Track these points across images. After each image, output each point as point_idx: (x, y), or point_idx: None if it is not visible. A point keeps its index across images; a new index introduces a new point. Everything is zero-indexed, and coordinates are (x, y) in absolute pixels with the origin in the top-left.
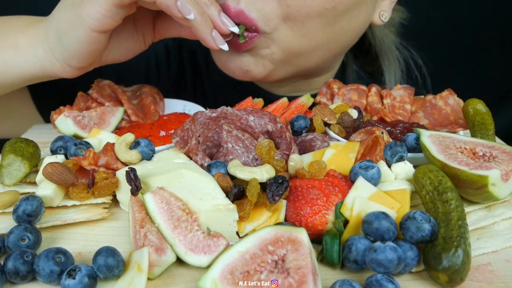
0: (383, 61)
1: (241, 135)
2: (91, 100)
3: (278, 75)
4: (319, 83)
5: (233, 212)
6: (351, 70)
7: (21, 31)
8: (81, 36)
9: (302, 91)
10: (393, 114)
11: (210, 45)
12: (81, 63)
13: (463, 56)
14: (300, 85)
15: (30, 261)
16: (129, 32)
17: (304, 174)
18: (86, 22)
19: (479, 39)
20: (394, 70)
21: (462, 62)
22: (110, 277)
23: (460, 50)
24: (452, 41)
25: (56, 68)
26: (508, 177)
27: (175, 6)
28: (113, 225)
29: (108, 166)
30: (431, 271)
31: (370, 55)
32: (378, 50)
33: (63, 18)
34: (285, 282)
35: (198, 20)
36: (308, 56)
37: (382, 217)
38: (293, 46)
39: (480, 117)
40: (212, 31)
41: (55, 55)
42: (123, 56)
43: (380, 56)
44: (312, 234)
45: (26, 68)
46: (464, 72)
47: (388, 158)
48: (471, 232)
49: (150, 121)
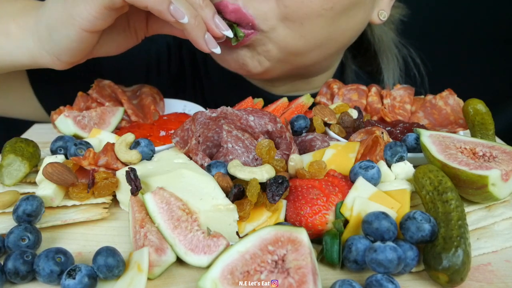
0: (381, 59)
1: (241, 135)
2: (91, 100)
3: (275, 73)
4: (318, 83)
5: (233, 212)
6: (350, 70)
7: (13, 18)
8: (72, 35)
9: (301, 90)
10: (393, 114)
11: (203, 48)
12: (72, 58)
13: (463, 56)
14: (299, 84)
15: (30, 261)
16: (122, 27)
17: (304, 174)
18: (77, 22)
19: (479, 39)
20: (392, 69)
21: (462, 62)
22: (110, 277)
23: (460, 50)
24: (452, 41)
25: (46, 60)
26: (508, 177)
27: (168, 11)
28: (113, 225)
29: (108, 166)
30: (431, 271)
31: (369, 53)
32: (377, 48)
33: (54, 14)
34: (285, 282)
35: (191, 23)
36: (305, 56)
37: (382, 217)
38: (291, 45)
39: (480, 117)
40: (205, 34)
41: (45, 49)
42: (115, 50)
43: (379, 55)
44: (312, 234)
45: (16, 57)
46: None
47: (388, 158)
48: (471, 232)
49: (150, 121)
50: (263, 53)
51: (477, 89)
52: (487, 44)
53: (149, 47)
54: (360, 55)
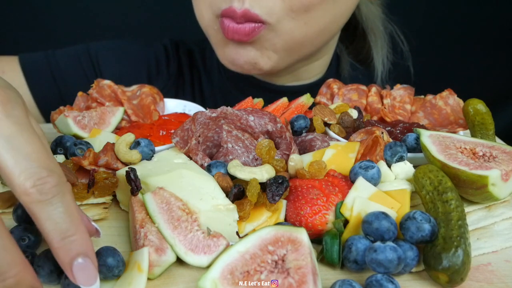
0: (370, 37)
1: (241, 135)
2: (91, 100)
3: (283, 65)
4: (318, 70)
5: (233, 212)
6: (345, 62)
7: None
8: None
9: (302, 80)
10: (393, 114)
11: None
12: None
13: (463, 56)
14: (300, 73)
15: (30, 261)
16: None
17: (304, 174)
18: None
19: (479, 39)
20: (380, 45)
21: (462, 62)
22: (110, 277)
23: (460, 50)
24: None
25: None
26: (508, 177)
27: None
28: (113, 225)
29: (108, 166)
30: (431, 271)
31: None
32: (365, 26)
33: None
34: (285, 282)
35: None
36: (310, 43)
37: (382, 217)
38: (297, 35)
39: (480, 117)
40: None
41: None
42: None
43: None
44: (312, 234)
45: None
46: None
47: (388, 158)
48: (471, 232)
49: (150, 121)
50: (270, 47)
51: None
52: (487, 44)
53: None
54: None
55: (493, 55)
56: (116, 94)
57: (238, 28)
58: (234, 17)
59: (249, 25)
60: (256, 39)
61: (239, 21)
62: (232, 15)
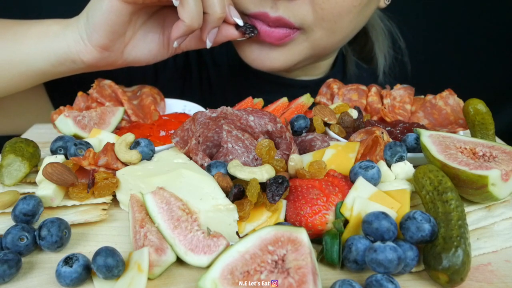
0: (371, 33)
1: (241, 135)
2: (91, 100)
3: (300, 65)
4: (325, 67)
5: (233, 212)
6: (351, 62)
7: (57, 22)
8: (103, 6)
9: (310, 75)
10: (393, 114)
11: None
12: (101, 38)
13: (463, 56)
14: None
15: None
16: (156, 33)
17: (304, 174)
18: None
19: (479, 39)
20: (381, 41)
21: (462, 62)
22: (110, 277)
23: (460, 50)
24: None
25: (80, 47)
26: (508, 177)
27: None
28: (113, 225)
29: (108, 166)
30: (431, 271)
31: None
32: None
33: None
34: (285, 282)
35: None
36: (332, 49)
37: (382, 217)
38: (323, 42)
39: (480, 117)
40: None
41: (80, 33)
42: (145, 57)
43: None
44: (312, 234)
45: (52, 49)
46: (464, 72)
47: (388, 158)
48: (471, 232)
49: (150, 121)
50: (296, 52)
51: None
52: (487, 44)
53: None
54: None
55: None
56: (117, 94)
57: (271, 32)
58: (266, 21)
59: (282, 31)
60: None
61: (271, 25)
62: (264, 19)
